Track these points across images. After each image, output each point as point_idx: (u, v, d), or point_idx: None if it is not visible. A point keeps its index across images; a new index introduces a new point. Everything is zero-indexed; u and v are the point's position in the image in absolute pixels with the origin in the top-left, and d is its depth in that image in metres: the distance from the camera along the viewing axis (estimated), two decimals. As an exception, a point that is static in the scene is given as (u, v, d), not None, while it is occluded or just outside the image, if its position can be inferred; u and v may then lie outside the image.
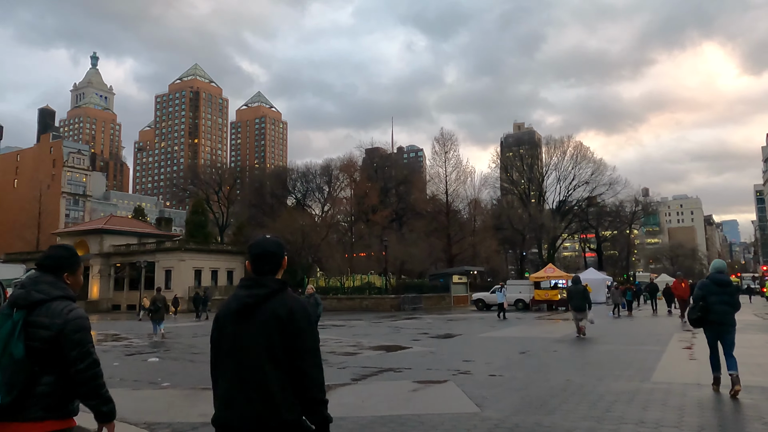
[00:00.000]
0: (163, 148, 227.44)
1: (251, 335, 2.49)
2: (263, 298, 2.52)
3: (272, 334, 2.47)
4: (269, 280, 2.58)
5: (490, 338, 17.23)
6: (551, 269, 39.57)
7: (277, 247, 2.68)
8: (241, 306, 2.54)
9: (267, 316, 2.49)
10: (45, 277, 2.72)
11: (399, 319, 29.13)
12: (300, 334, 2.48)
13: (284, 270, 2.70)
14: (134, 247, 58.03)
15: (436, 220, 59.06)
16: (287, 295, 2.57)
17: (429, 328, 21.82)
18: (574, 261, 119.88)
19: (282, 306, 2.51)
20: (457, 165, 59.31)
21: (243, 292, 2.59)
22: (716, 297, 7.49)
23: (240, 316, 2.53)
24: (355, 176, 73.29)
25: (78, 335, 2.60)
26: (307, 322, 2.52)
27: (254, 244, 2.71)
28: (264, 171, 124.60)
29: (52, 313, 2.60)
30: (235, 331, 2.53)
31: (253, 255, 2.65)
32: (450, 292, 49.25)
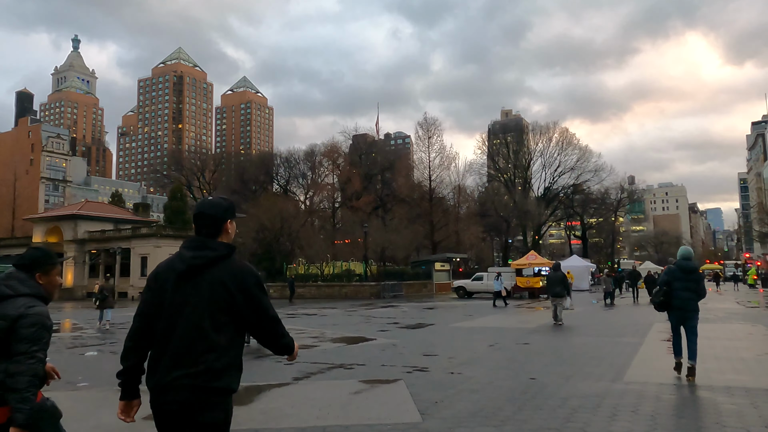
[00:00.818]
0: (146, 133, 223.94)
1: (196, 298, 2.43)
2: (212, 261, 2.46)
3: (219, 298, 2.42)
4: (217, 243, 2.53)
5: (461, 329, 16.32)
6: (533, 256, 38.82)
7: (215, 208, 2.60)
8: (188, 267, 2.47)
9: (216, 279, 2.43)
10: (18, 274, 2.88)
11: (375, 308, 28.21)
12: (251, 295, 2.46)
13: (228, 234, 2.61)
14: (110, 233, 56.48)
15: (419, 206, 58.07)
16: (235, 260, 2.53)
17: (402, 318, 20.90)
18: (559, 248, 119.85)
19: (231, 270, 2.46)
20: (440, 150, 58.35)
21: (189, 252, 2.51)
22: (681, 283, 7.66)
23: (185, 277, 2.46)
24: (338, 162, 72.13)
25: (29, 330, 2.67)
26: (259, 285, 2.51)
27: (196, 205, 2.68)
28: (248, 157, 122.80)
29: (13, 307, 2.71)
30: (178, 293, 2.46)
31: (194, 216, 2.63)
32: (432, 279, 48.50)
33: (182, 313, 2.44)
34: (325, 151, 72.95)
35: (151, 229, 54.23)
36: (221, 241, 2.56)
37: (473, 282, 39.66)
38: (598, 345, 11.91)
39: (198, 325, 2.41)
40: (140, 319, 2.56)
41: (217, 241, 2.55)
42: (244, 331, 2.55)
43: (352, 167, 71.34)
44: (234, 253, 2.55)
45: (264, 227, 45.71)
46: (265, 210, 47.81)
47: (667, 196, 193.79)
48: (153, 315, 2.51)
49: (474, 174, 77.21)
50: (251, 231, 45.86)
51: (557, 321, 16.55)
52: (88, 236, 57.07)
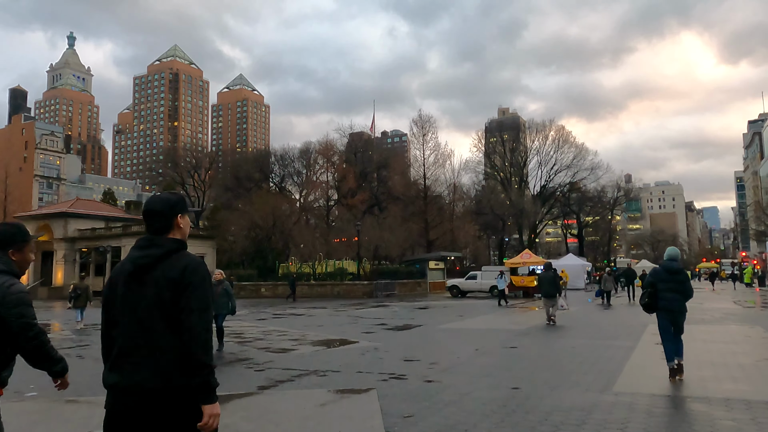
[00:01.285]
0: (141, 130, 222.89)
1: (144, 297, 2.40)
2: (158, 259, 2.43)
3: (165, 295, 2.38)
4: (165, 240, 2.51)
5: (449, 330, 15.74)
6: (528, 255, 38.29)
7: (163, 204, 2.56)
8: (135, 267, 2.45)
9: (161, 276, 2.40)
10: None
11: (365, 307, 27.63)
12: (187, 290, 2.37)
13: (181, 230, 2.58)
14: (100, 232, 55.71)
15: (413, 204, 57.49)
16: (183, 254, 2.47)
17: (390, 318, 20.32)
18: (556, 247, 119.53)
19: (176, 265, 2.41)
20: (435, 148, 57.78)
21: (137, 252, 2.51)
22: (665, 284, 7.65)
23: (133, 277, 2.44)
24: (333, 160, 71.45)
25: (17, 309, 2.73)
26: (199, 278, 2.41)
27: (144, 202, 2.65)
28: (244, 154, 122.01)
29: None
30: (127, 293, 2.45)
31: (142, 213, 2.60)
32: (426, 278, 47.96)
33: (134, 314, 2.41)
34: (319, 148, 72.26)
35: (142, 227, 53.35)
36: (170, 238, 2.52)
37: (467, 281, 39.12)
38: (588, 349, 11.34)
39: (148, 325, 2.37)
40: (103, 327, 2.55)
41: (166, 238, 2.51)
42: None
43: (347, 165, 70.76)
44: (184, 248, 2.50)
45: (256, 225, 45.09)
46: (257, 207, 47.18)
47: (663, 195, 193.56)
48: (109, 320, 2.50)
49: (470, 172, 76.74)
50: (243, 228, 45.25)
51: (550, 322, 16.55)
52: (79, 234, 56.32)
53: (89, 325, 18.54)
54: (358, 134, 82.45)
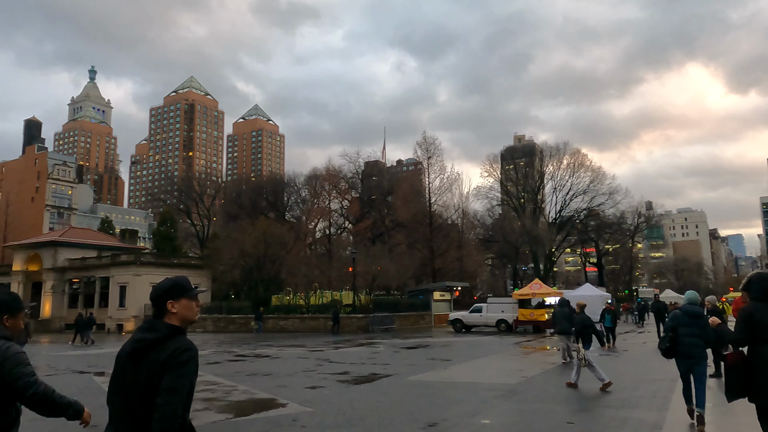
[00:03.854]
0: (157, 161, 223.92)
1: (136, 378, 2.52)
2: (153, 343, 2.57)
3: (154, 378, 2.48)
4: (162, 325, 2.64)
5: (420, 385, 12.29)
6: (537, 285, 34.60)
7: (156, 291, 2.72)
8: (133, 349, 2.60)
9: (154, 360, 2.51)
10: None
11: (348, 346, 24.24)
12: (168, 371, 2.48)
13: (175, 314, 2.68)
14: (90, 261, 53.23)
15: (418, 231, 54.18)
16: (176, 339, 2.58)
17: (362, 363, 16.96)
18: (575, 276, 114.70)
19: (167, 348, 2.53)
20: (441, 171, 54.64)
21: (137, 335, 2.65)
22: (686, 329, 7.34)
23: (132, 358, 2.58)
24: (340, 186, 68.77)
25: (17, 369, 2.88)
26: (182, 360, 2.51)
27: (153, 288, 2.81)
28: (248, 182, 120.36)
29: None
30: (124, 372, 2.58)
31: (150, 299, 2.77)
32: (430, 310, 44.38)
33: (127, 395, 2.53)
34: (325, 175, 69.66)
35: (130, 256, 50.81)
36: (167, 323, 2.65)
37: (471, 314, 35.49)
38: (592, 426, 7.89)
39: (136, 411, 2.48)
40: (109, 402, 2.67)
41: (163, 323, 2.65)
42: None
43: (353, 192, 68.08)
44: (180, 333, 2.63)
45: (245, 253, 42.08)
46: (248, 235, 44.24)
47: (686, 222, 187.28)
48: (109, 396, 2.63)
49: (482, 198, 73.45)
50: (232, 257, 42.29)
51: (565, 359, 15.66)
52: (69, 264, 53.89)
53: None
54: (372, 163, 80.00)
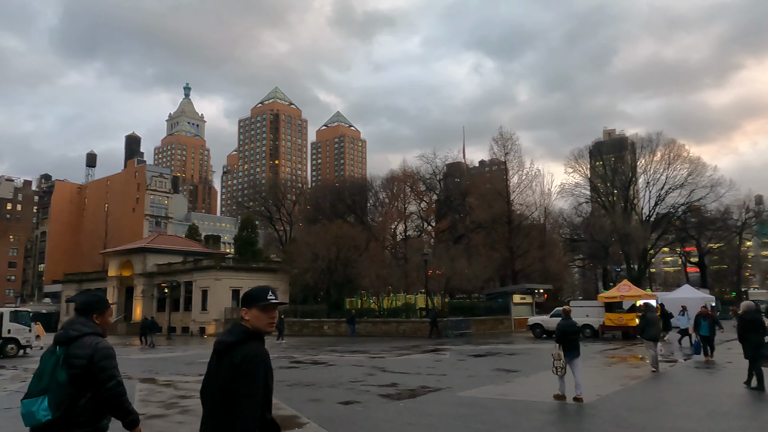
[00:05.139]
0: (246, 170, 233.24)
1: (215, 377, 2.77)
2: (229, 345, 2.78)
3: (226, 378, 2.70)
4: (239, 329, 2.83)
5: (465, 402, 10.59)
6: (626, 287, 31.37)
7: (242, 297, 2.94)
8: (215, 350, 2.84)
9: (228, 361, 2.73)
10: (79, 318, 3.53)
11: (412, 353, 22.78)
12: (239, 379, 2.67)
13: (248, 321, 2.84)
14: (176, 266, 55.32)
15: (496, 231, 51.63)
16: (249, 344, 2.76)
17: (420, 372, 15.45)
18: (674, 277, 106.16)
19: (239, 354, 2.72)
20: (519, 167, 51.80)
21: (220, 336, 2.89)
22: None
23: (217, 357, 2.82)
24: (417, 188, 67.46)
25: (104, 362, 3.30)
26: (252, 367, 2.70)
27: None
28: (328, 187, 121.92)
29: (84, 346, 3.32)
30: (214, 367, 2.81)
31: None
32: (510, 314, 41.96)
33: (209, 394, 2.80)
34: (402, 176, 68.59)
35: (211, 261, 52.18)
36: (244, 327, 2.83)
37: (552, 319, 32.81)
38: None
39: (215, 407, 2.73)
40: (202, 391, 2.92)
41: (241, 327, 2.84)
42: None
43: (431, 193, 66.57)
44: (253, 338, 2.80)
45: (317, 257, 41.70)
46: (321, 238, 43.90)
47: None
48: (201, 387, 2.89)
49: (567, 196, 69.36)
50: (305, 261, 42.06)
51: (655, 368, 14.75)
52: (157, 269, 56.35)
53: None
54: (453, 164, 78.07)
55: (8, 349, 26.35)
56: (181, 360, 22.00)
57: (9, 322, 26.88)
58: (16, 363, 22.56)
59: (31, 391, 3.31)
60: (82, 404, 3.24)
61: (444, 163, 68.51)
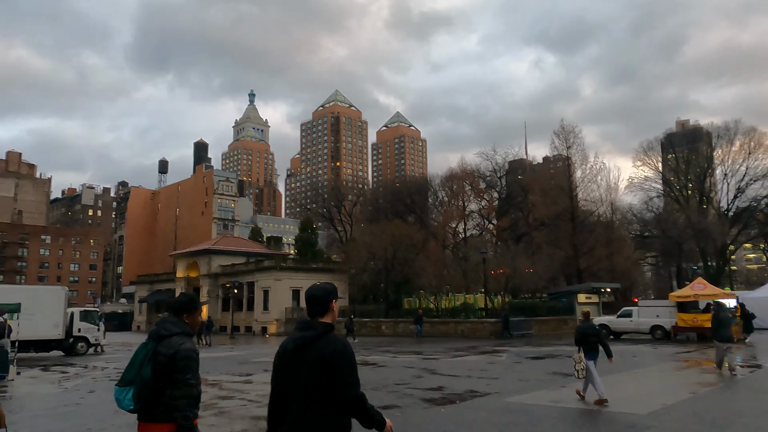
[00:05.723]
0: (308, 172, 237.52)
1: (302, 373, 2.88)
2: (311, 340, 2.94)
3: (317, 371, 2.85)
4: (318, 324, 3.00)
5: (512, 409, 9.85)
6: (701, 285, 29.14)
7: (322, 292, 3.12)
8: (295, 346, 2.98)
9: (314, 355, 2.88)
10: (170, 317, 3.80)
11: (468, 353, 22.02)
12: (338, 367, 2.86)
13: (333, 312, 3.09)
14: (239, 267, 56.67)
15: (559, 228, 49.68)
16: (331, 337, 2.95)
17: (470, 375, 14.75)
18: (759, 275, 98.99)
19: (326, 347, 2.89)
20: (583, 161, 49.62)
21: (297, 333, 3.03)
22: None
23: (294, 354, 2.96)
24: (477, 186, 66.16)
25: (182, 363, 3.54)
26: (345, 360, 2.89)
27: (307, 289, 3.20)
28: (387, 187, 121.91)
29: (169, 345, 3.59)
30: (291, 368, 2.95)
31: (305, 300, 3.15)
32: (574, 314, 40.15)
33: (296, 388, 2.89)
34: (460, 174, 67.43)
35: (272, 262, 53.06)
36: (322, 322, 3.01)
37: (619, 319, 31.13)
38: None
39: (305, 400, 2.84)
40: (270, 393, 3.08)
41: (319, 322, 3.01)
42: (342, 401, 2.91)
43: (492, 191, 65.10)
44: (332, 330, 2.99)
45: (373, 256, 41.47)
46: (377, 237, 43.66)
47: None
48: (276, 389, 3.01)
49: (635, 190, 66.00)
50: (361, 261, 41.93)
51: (732, 372, 13.82)
52: (221, 270, 57.95)
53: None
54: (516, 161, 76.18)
55: (78, 347, 27.58)
56: (235, 359, 22.21)
57: (79, 321, 28.15)
58: (87, 361, 23.44)
59: (123, 378, 3.61)
60: (164, 397, 3.49)
61: (505, 159, 66.61)
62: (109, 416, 9.54)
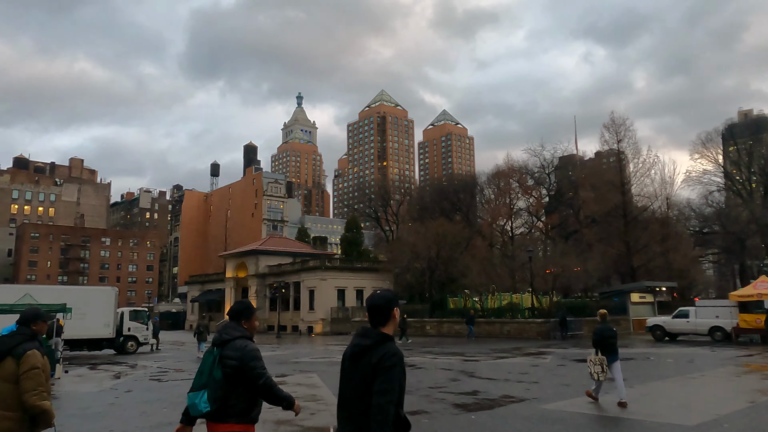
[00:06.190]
0: (355, 173, 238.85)
1: (355, 378, 3.06)
2: (366, 349, 3.09)
3: (367, 377, 3.00)
4: (375, 333, 3.13)
5: (546, 417, 9.23)
6: (765, 283, 27.29)
7: (384, 301, 3.24)
8: (352, 353, 3.15)
9: (367, 363, 3.03)
10: (230, 323, 4.07)
11: (512, 355, 21.31)
12: (379, 375, 2.97)
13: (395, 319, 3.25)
14: (285, 267, 57.30)
15: (611, 225, 47.80)
16: (385, 345, 3.06)
17: (509, 378, 14.14)
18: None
19: (377, 353, 3.02)
20: (635, 155, 47.57)
21: (355, 340, 3.19)
22: None
23: (352, 360, 3.14)
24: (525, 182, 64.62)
25: (252, 363, 3.80)
26: (389, 365, 2.97)
27: (368, 298, 3.29)
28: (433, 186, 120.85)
29: (235, 348, 3.83)
30: (349, 371, 3.14)
31: (367, 308, 3.26)
32: (627, 314, 38.53)
33: (350, 389, 3.09)
34: (507, 171, 66.03)
35: (317, 262, 53.37)
36: (378, 331, 3.13)
37: (675, 320, 29.55)
38: None
39: (356, 401, 3.02)
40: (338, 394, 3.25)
41: (376, 331, 3.13)
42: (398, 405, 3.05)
43: (540, 187, 63.48)
44: (388, 340, 3.10)
45: (417, 256, 40.99)
46: (420, 236, 43.16)
47: None
48: (340, 390, 3.20)
49: (693, 184, 62.81)
50: (404, 260, 41.52)
51: None
52: (268, 270, 58.77)
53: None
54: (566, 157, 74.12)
55: (128, 346, 28.37)
56: (276, 359, 22.24)
57: (129, 321, 28.98)
58: (135, 360, 24.01)
59: (195, 385, 3.83)
60: (235, 398, 3.73)
61: (553, 155, 64.73)
62: (135, 418, 9.55)
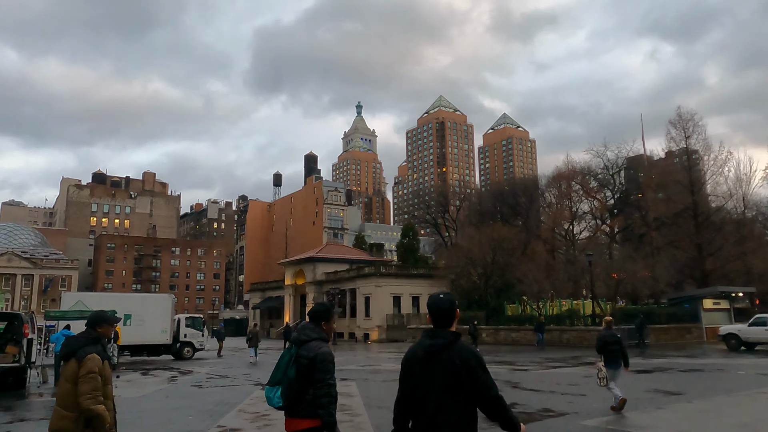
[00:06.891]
0: (415, 179, 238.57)
1: (435, 378, 3.08)
2: (441, 348, 3.13)
3: (450, 376, 3.05)
4: (446, 333, 3.20)
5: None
6: None
7: (449, 305, 3.29)
8: (426, 354, 3.17)
9: (445, 361, 3.08)
10: (309, 324, 4.21)
11: (565, 365, 20.20)
12: (475, 375, 3.06)
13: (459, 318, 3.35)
14: (341, 274, 57.58)
15: (680, 227, 45.00)
16: (459, 345, 3.16)
17: (554, 390, 13.26)
18: None
19: (460, 353, 3.10)
20: (705, 152, 44.60)
21: (427, 341, 3.21)
22: None
23: (425, 360, 3.15)
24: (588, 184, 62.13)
25: (321, 365, 3.87)
26: (479, 364, 3.10)
27: (431, 302, 3.34)
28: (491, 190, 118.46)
29: (309, 349, 3.95)
30: (422, 372, 3.14)
31: (431, 312, 3.30)
32: (699, 321, 36.04)
33: (429, 390, 3.08)
34: (568, 173, 63.72)
35: (372, 268, 53.26)
36: (449, 331, 3.21)
37: (752, 328, 27.21)
38: None
39: (439, 401, 3.04)
40: (399, 396, 3.28)
41: (446, 331, 3.21)
42: (476, 405, 3.11)
43: (604, 189, 60.89)
44: (459, 339, 3.18)
45: (472, 261, 40.03)
46: (475, 242, 42.16)
47: None
48: (407, 392, 3.22)
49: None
50: (458, 266, 40.65)
51: None
52: (325, 277, 59.24)
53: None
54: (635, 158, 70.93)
55: (185, 352, 29.09)
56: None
57: (185, 327, 29.73)
58: (189, 366, 24.47)
59: (271, 380, 4.04)
60: (307, 395, 3.85)
61: (618, 155, 61.87)
62: (157, 425, 9.49)
